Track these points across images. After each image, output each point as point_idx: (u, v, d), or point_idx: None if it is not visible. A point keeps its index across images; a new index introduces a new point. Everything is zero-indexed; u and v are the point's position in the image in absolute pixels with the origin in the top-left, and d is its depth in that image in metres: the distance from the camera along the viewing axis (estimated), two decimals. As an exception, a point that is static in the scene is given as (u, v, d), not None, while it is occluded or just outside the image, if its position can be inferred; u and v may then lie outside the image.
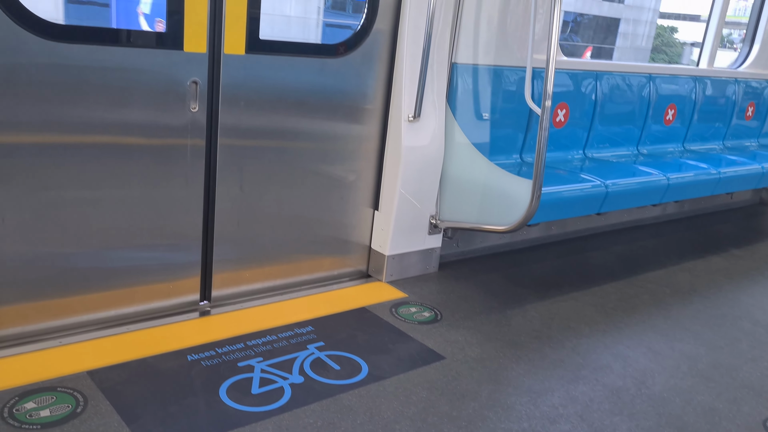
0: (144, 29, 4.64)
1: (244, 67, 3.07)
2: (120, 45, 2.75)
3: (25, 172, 2.64)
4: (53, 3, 9.37)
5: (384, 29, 3.50)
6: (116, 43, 2.74)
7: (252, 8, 3.01)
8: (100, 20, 10.43)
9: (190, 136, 3.01)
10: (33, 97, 2.58)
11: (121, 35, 2.81)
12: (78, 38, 2.64)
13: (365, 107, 3.59)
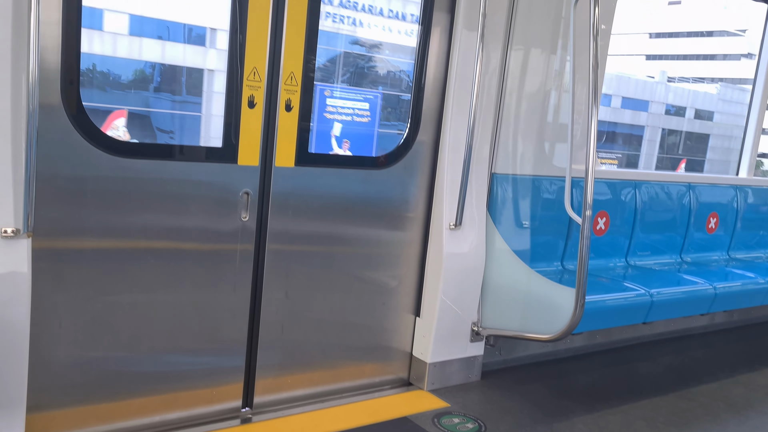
0: (336, 151, 4.82)
1: (294, 179, 3.23)
2: (179, 160, 2.94)
3: (85, 277, 2.77)
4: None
5: (426, 140, 3.66)
6: (176, 158, 2.94)
7: (302, 124, 3.20)
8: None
9: (240, 244, 3.13)
10: (97, 207, 2.75)
11: (181, 151, 3.01)
12: (142, 154, 2.85)
13: (408, 215, 3.69)
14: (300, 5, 3.08)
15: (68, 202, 2.69)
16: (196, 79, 10.25)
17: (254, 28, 2.97)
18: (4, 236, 2.41)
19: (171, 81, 10.19)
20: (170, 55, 10.27)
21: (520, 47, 3.82)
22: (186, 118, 9.42)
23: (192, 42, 10.12)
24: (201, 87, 9.78)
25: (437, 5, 3.53)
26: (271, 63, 3.06)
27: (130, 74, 9.18)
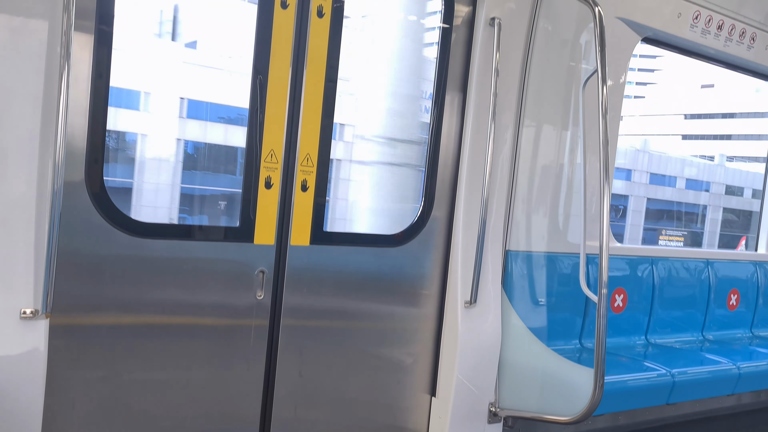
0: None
1: (309, 258, 3.27)
2: (197, 239, 3.00)
3: (100, 355, 2.79)
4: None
5: (440, 217, 3.70)
6: (193, 238, 3.00)
7: (318, 204, 3.27)
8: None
9: (255, 322, 3.14)
10: (114, 285, 2.80)
11: (198, 231, 3.08)
12: (161, 234, 2.91)
13: (422, 291, 3.69)
14: (316, 91, 3.20)
15: (85, 280, 2.74)
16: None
17: (272, 113, 3.08)
18: (22, 317, 2.45)
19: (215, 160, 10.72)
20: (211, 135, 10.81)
21: (531, 124, 3.90)
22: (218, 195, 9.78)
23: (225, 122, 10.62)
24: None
25: (450, 84, 3.64)
26: (288, 145, 3.15)
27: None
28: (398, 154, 4.15)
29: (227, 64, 7.84)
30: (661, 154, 32.55)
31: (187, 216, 7.60)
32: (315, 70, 3.18)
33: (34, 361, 2.46)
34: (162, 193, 8.35)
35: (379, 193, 4.17)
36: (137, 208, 6.58)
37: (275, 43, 3.05)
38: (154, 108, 8.68)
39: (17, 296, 2.45)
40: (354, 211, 4.23)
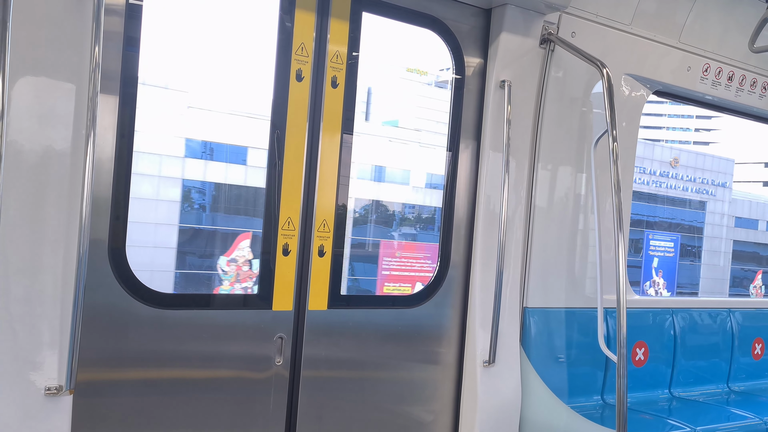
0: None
1: (327, 321, 3.30)
2: (216, 308, 3.05)
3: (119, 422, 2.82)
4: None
5: (456, 277, 3.72)
6: (213, 307, 3.05)
7: (335, 268, 3.31)
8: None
9: (274, 387, 3.17)
10: (135, 352, 2.85)
11: (217, 300, 3.14)
12: (181, 305, 2.97)
13: (440, 350, 3.70)
14: (332, 157, 3.27)
15: (103, 352, 2.78)
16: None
17: (289, 181, 3.16)
18: (47, 393, 2.49)
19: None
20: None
21: (545, 179, 3.91)
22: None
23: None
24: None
25: (464, 135, 3.69)
26: (305, 212, 3.22)
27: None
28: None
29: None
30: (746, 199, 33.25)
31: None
32: (330, 138, 3.26)
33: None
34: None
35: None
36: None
37: (291, 115, 3.15)
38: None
39: (42, 372, 2.50)
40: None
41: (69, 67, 2.53)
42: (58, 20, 2.50)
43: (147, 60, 2.86)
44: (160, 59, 8.69)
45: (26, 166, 2.47)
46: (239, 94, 10.76)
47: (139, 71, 2.82)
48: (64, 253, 2.54)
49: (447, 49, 3.69)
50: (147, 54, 2.85)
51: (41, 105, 2.49)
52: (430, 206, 13.74)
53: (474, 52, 3.71)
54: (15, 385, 2.42)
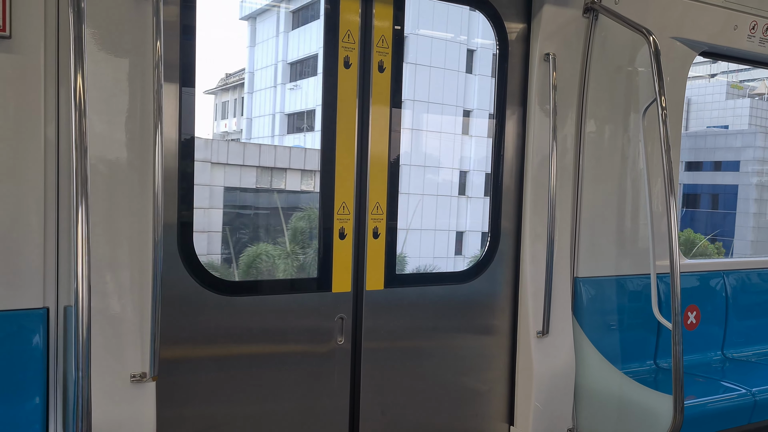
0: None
1: (384, 300, 3.41)
2: (279, 293, 3.19)
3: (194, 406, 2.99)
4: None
5: (506, 249, 3.79)
6: (276, 292, 3.19)
7: (389, 249, 3.41)
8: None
9: (337, 366, 3.30)
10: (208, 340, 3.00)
11: (279, 285, 3.27)
12: (246, 291, 3.11)
13: (493, 323, 3.79)
14: (382, 140, 3.34)
15: (178, 335, 2.94)
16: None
17: (342, 167, 3.24)
18: (132, 380, 2.66)
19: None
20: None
21: (592, 148, 3.91)
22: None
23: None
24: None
25: (509, 108, 3.71)
26: (358, 196, 3.31)
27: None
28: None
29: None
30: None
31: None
32: (379, 122, 3.32)
33: (144, 422, 2.67)
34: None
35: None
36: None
37: (341, 102, 3.21)
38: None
39: (126, 361, 2.66)
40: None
41: (132, 62, 2.60)
42: (120, 17, 2.57)
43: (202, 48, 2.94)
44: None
45: (98, 162, 2.57)
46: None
47: (196, 59, 2.90)
48: (140, 247, 2.67)
49: (489, 23, 3.70)
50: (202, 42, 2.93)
51: (108, 101, 2.58)
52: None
53: (516, 24, 3.71)
54: (103, 373, 2.58)
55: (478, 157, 13.12)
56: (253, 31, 13.05)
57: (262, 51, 13.45)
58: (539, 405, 3.72)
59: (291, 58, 12.77)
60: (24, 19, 2.40)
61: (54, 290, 2.57)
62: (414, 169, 12.39)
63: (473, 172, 13.63)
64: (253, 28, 13.01)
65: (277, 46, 13.11)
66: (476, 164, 13.36)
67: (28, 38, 2.42)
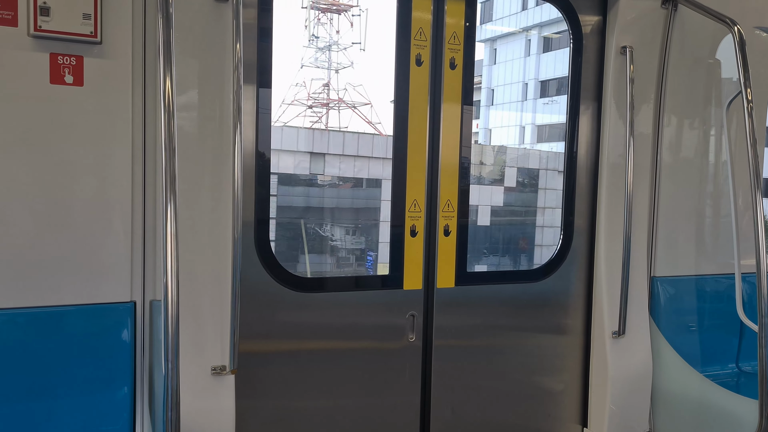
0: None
1: (455, 298, 3.40)
2: (351, 290, 3.23)
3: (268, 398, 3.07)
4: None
5: (580, 246, 3.71)
6: (349, 289, 3.23)
7: (460, 246, 3.39)
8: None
9: (408, 363, 3.32)
10: (284, 333, 3.07)
11: (352, 282, 3.31)
12: (320, 288, 3.16)
13: (567, 322, 3.72)
14: (453, 138, 3.33)
15: (255, 329, 3.01)
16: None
17: (413, 164, 3.25)
18: (213, 373, 2.75)
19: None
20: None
21: (671, 143, 3.78)
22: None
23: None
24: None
25: (584, 102, 3.63)
26: (429, 194, 3.31)
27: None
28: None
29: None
30: None
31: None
32: (450, 119, 3.31)
33: (225, 413, 2.76)
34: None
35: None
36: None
37: (412, 99, 3.22)
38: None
39: (207, 354, 2.75)
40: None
41: (212, 64, 2.68)
42: (201, 20, 2.65)
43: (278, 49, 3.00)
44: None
45: (180, 161, 2.64)
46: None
47: (272, 60, 2.97)
48: (220, 244, 2.75)
49: (562, 16, 3.63)
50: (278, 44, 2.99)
51: (189, 102, 2.66)
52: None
53: (591, 16, 3.63)
54: (186, 365, 2.67)
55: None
56: (492, 53, 14.65)
57: (503, 70, 15.32)
58: (614, 407, 3.63)
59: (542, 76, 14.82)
60: (113, 26, 2.51)
61: (140, 285, 2.68)
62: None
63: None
64: (491, 50, 14.50)
65: (524, 65, 15.29)
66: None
67: (117, 43, 2.53)
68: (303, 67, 10.36)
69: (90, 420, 2.57)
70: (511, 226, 8.24)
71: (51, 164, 2.48)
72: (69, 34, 2.40)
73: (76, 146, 2.51)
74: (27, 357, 2.49)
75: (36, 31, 2.36)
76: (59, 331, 2.54)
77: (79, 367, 2.57)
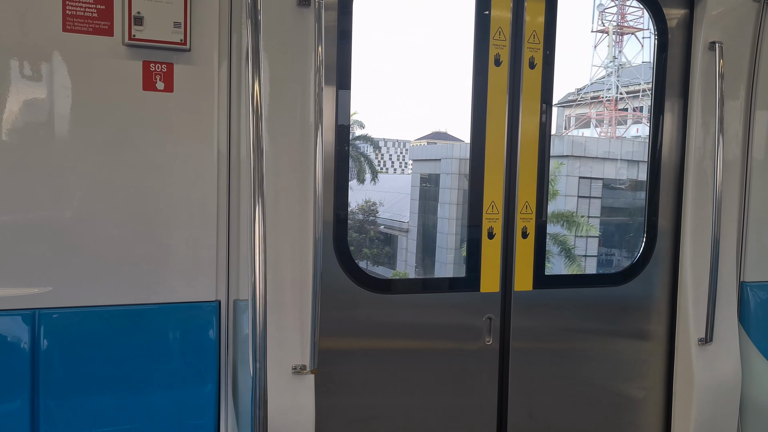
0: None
1: (533, 301, 3.34)
2: (429, 292, 3.22)
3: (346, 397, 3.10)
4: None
5: (664, 249, 3.58)
6: (426, 291, 3.22)
7: (538, 249, 3.33)
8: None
9: (485, 366, 3.29)
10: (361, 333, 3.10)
11: (429, 284, 3.31)
12: (396, 289, 3.17)
13: (649, 327, 3.60)
14: (531, 139, 3.27)
15: (334, 328, 3.04)
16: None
17: (491, 165, 3.21)
18: (293, 372, 2.80)
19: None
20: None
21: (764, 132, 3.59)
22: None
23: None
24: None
25: (668, 98, 3.50)
26: (507, 196, 3.26)
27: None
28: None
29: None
30: None
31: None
32: (529, 119, 3.26)
33: (305, 412, 2.80)
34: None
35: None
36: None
37: (491, 100, 3.18)
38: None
39: (288, 352, 2.80)
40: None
41: (294, 66, 2.71)
42: (284, 24, 2.69)
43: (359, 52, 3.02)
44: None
45: (271, 161, 2.67)
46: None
47: (352, 63, 2.99)
48: (300, 244, 2.79)
49: (646, 10, 3.51)
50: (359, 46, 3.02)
51: (271, 104, 2.69)
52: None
53: (677, 9, 3.49)
54: (268, 364, 2.73)
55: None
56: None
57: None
58: (700, 418, 3.48)
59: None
60: (201, 33, 2.59)
61: (225, 284, 2.76)
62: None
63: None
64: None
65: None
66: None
67: (203, 50, 2.60)
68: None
69: (178, 414, 2.66)
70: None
71: (142, 168, 2.58)
72: (161, 42, 2.49)
73: (165, 150, 2.60)
74: (122, 351, 2.59)
75: (130, 40, 2.45)
76: (151, 328, 2.64)
77: (168, 363, 2.66)
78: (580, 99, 15.19)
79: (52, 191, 2.47)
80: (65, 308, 2.51)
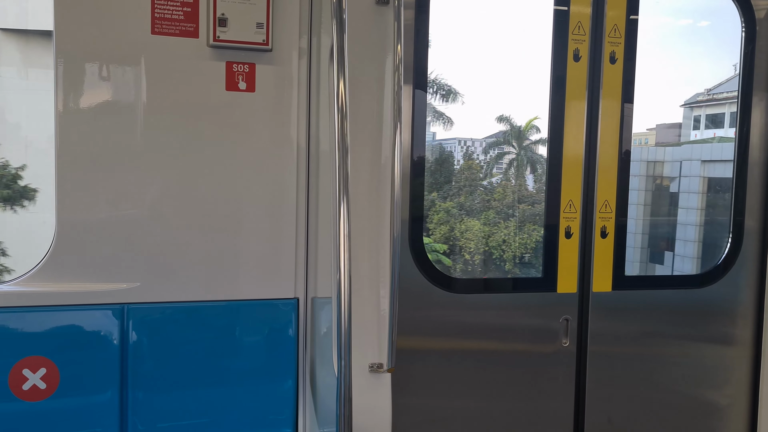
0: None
1: (611, 303, 3.25)
2: (505, 292, 3.17)
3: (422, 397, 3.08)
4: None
5: (750, 249, 3.42)
6: (501, 291, 3.17)
7: (618, 249, 3.23)
8: None
9: (562, 368, 3.22)
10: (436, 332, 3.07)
11: (505, 284, 3.25)
12: (473, 289, 3.14)
13: (734, 332, 3.45)
14: (612, 140, 3.18)
15: (410, 326, 3.03)
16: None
17: (569, 163, 3.14)
18: (370, 370, 2.80)
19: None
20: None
21: None
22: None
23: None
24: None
25: (756, 94, 3.36)
26: (585, 194, 3.18)
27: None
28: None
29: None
30: None
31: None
32: (609, 116, 3.16)
33: (382, 410, 2.80)
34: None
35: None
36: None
37: (569, 96, 3.10)
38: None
39: (365, 351, 2.80)
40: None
41: (373, 65, 2.69)
42: (364, 23, 2.69)
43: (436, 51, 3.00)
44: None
45: (350, 159, 2.70)
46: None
47: (428, 62, 2.97)
48: (378, 242, 2.79)
49: (732, 1, 3.36)
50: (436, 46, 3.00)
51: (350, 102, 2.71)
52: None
53: (765, 0, 3.33)
54: None
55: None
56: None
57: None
58: None
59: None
60: (282, 33, 2.62)
61: (303, 282, 2.78)
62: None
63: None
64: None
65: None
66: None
67: (284, 50, 2.63)
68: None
69: (258, 408, 2.70)
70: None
71: (225, 167, 2.62)
72: (244, 43, 2.53)
73: (247, 150, 2.64)
74: (204, 346, 2.65)
75: (215, 41, 2.50)
76: (232, 324, 2.69)
77: (249, 359, 2.71)
78: (713, 98, 14.36)
79: (140, 192, 2.54)
80: (152, 303, 2.58)
